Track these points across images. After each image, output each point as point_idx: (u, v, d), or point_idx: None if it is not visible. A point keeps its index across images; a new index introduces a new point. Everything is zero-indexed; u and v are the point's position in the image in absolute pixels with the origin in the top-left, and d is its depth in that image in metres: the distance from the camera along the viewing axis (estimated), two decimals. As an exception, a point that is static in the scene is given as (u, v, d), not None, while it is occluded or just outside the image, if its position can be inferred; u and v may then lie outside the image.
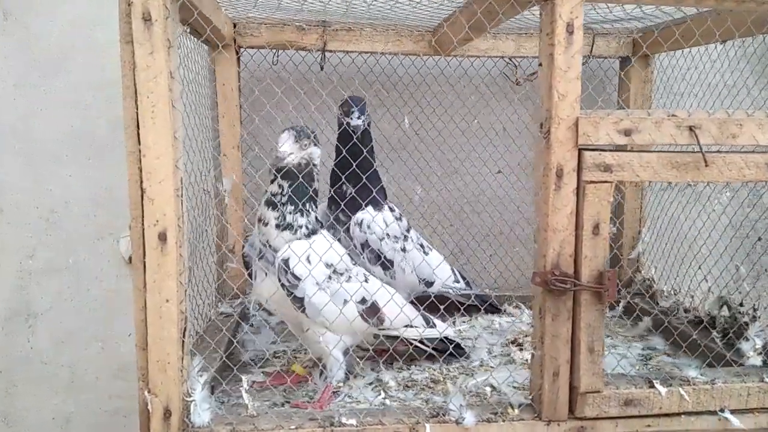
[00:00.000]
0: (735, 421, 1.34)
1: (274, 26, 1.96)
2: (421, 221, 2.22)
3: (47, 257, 2.19)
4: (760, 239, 1.63)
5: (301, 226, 1.45)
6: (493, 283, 2.25)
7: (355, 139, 1.70)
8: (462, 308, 2.00)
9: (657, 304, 2.00)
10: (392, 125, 2.17)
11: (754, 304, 1.67)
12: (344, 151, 1.72)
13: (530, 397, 1.34)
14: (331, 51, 2.02)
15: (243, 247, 1.66)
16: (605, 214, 1.27)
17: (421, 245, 1.85)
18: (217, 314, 1.90)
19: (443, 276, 1.87)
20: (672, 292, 2.02)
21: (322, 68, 2.07)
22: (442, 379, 1.61)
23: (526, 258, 2.21)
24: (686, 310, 1.93)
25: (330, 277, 1.44)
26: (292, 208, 1.44)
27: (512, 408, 1.32)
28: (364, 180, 1.65)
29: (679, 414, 1.34)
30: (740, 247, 1.70)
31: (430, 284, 1.84)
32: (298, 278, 1.40)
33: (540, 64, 1.27)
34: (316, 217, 1.49)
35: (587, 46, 2.10)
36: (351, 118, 1.69)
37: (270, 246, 1.44)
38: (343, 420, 1.25)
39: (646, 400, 1.32)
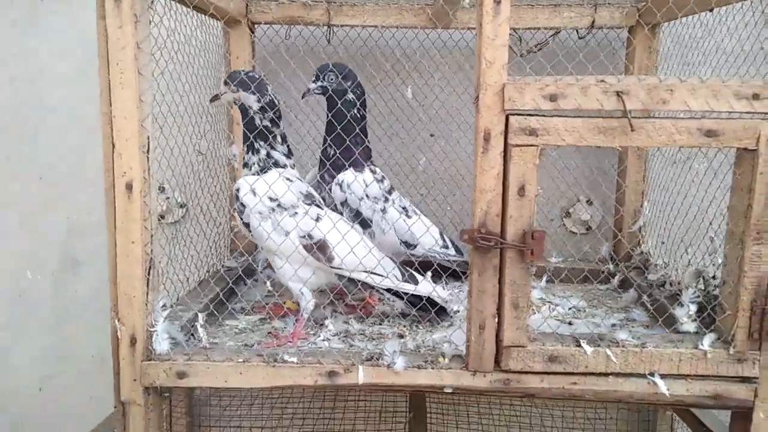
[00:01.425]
0: (663, 385, 1.37)
1: (283, 3, 2.11)
2: (423, 190, 2.32)
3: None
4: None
5: (253, 163, 1.71)
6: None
7: (339, 104, 1.83)
8: (446, 273, 2.07)
9: (647, 277, 2.00)
10: (397, 96, 2.27)
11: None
12: (329, 115, 1.87)
13: (461, 348, 1.43)
14: (336, 25, 2.15)
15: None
16: (531, 177, 1.33)
17: (404, 208, 1.95)
18: (222, 268, 2.10)
19: (428, 240, 1.96)
20: (662, 266, 2.02)
21: (329, 42, 2.20)
22: (407, 334, 1.73)
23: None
24: (671, 284, 1.92)
25: (273, 210, 1.63)
26: (245, 147, 1.71)
27: (443, 357, 1.42)
28: (347, 142, 1.78)
29: (606, 374, 1.39)
30: (714, 218, 1.68)
31: (411, 246, 1.93)
32: (243, 206, 1.63)
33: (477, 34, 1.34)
34: (267, 154, 1.71)
35: (589, 16, 2.11)
36: (309, 82, 1.86)
37: None
38: (286, 357, 1.40)
39: (572, 358, 1.37)
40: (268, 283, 2.00)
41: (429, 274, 1.72)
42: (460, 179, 2.33)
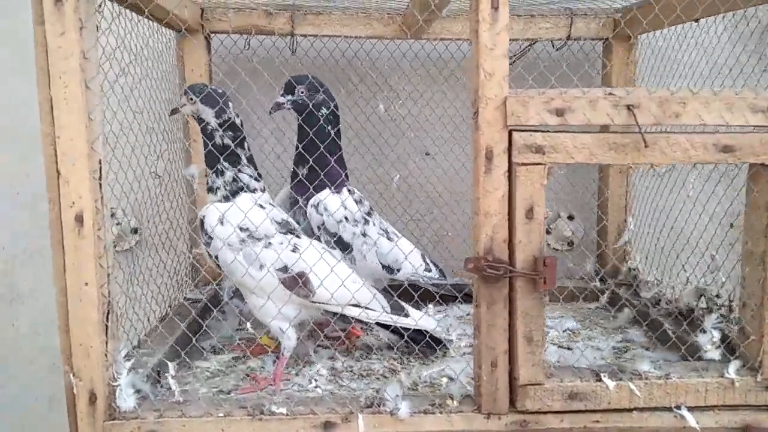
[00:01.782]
0: (691, 419, 1.26)
1: (242, 11, 1.94)
2: (398, 209, 2.18)
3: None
4: (732, 225, 1.53)
5: (218, 187, 1.52)
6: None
7: (318, 120, 1.66)
8: (437, 297, 1.94)
9: (639, 295, 1.92)
10: (368, 111, 2.13)
11: (730, 296, 1.58)
12: (304, 131, 1.68)
13: (471, 388, 1.29)
14: (300, 35, 1.99)
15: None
16: (539, 198, 1.20)
17: (385, 230, 1.80)
18: (185, 300, 1.89)
19: (411, 264, 1.82)
20: (655, 283, 1.94)
21: (293, 52, 2.05)
22: (399, 369, 1.58)
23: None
24: (668, 302, 1.84)
25: (243, 241, 1.45)
26: (209, 170, 1.52)
27: (452, 400, 1.27)
28: (324, 161, 1.61)
29: (630, 410, 1.27)
30: (714, 235, 1.60)
31: (394, 271, 1.79)
32: (211, 238, 1.45)
33: (471, 42, 1.22)
34: (234, 177, 1.51)
35: (565, 27, 2.03)
36: (278, 96, 1.69)
37: None
38: (273, 408, 1.23)
39: (593, 394, 1.25)
40: (238, 312, 1.85)
41: (430, 306, 1.61)
42: (437, 196, 2.21)
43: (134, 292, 1.53)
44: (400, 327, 1.53)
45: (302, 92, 1.68)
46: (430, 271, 1.90)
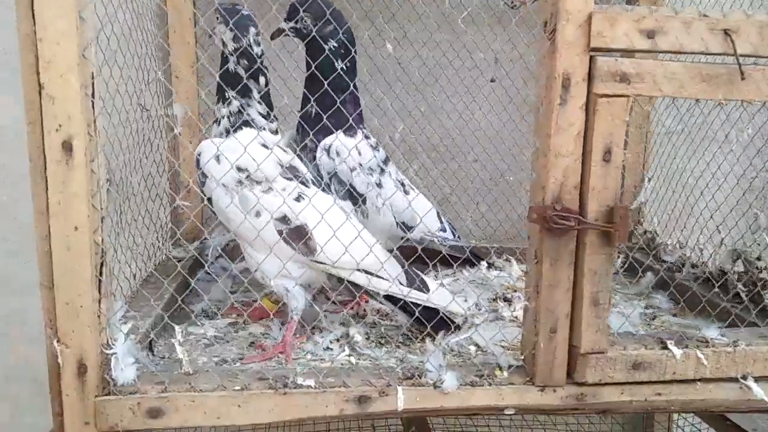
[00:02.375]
0: (759, 391, 1.14)
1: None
2: (401, 164, 1.98)
3: None
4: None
5: (223, 117, 1.33)
6: (481, 233, 2.03)
7: (325, 52, 1.44)
8: (452, 261, 1.75)
9: (660, 259, 1.80)
10: (372, 51, 1.91)
11: (774, 256, 1.47)
12: (309, 65, 1.47)
13: (522, 357, 1.12)
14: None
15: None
16: (619, 136, 1.04)
17: (402, 183, 1.61)
18: (169, 259, 1.66)
19: (428, 222, 1.62)
20: (678, 246, 1.82)
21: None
22: (420, 336, 1.40)
23: (517, 207, 1.98)
24: (693, 266, 1.72)
25: (240, 182, 1.24)
26: (216, 97, 1.33)
27: (501, 370, 1.11)
28: (333, 100, 1.35)
29: (695, 380, 1.14)
30: (761, 193, 1.48)
31: (410, 228, 1.59)
32: (205, 175, 1.26)
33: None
34: (240, 108, 1.31)
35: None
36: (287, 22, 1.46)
37: None
38: (299, 381, 1.03)
39: (658, 364, 1.11)
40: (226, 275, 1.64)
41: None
42: (443, 150, 2.02)
43: (119, 245, 1.29)
44: (412, 302, 1.30)
45: (306, 19, 1.46)
46: (444, 230, 1.73)
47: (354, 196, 1.50)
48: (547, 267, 1.06)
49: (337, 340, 1.35)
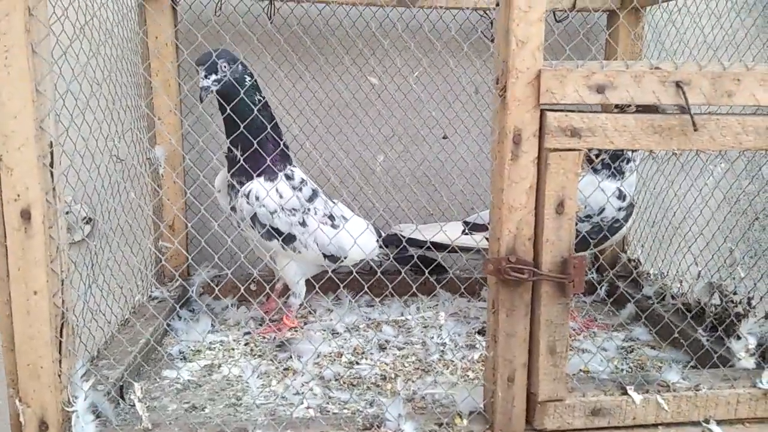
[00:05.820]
0: (720, 433, 1.15)
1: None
2: (385, 194, 2.01)
3: None
4: (758, 218, 1.41)
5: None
6: (464, 264, 2.04)
7: (241, 95, 1.45)
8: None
9: (641, 288, 1.80)
10: (353, 86, 1.94)
11: (749, 293, 1.47)
12: (227, 112, 1.46)
13: (482, 405, 1.14)
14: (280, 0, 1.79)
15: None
16: (572, 189, 1.05)
17: (330, 215, 1.64)
18: (149, 300, 1.69)
19: (360, 251, 1.66)
20: (659, 276, 1.82)
21: (270, 19, 1.84)
22: (393, 376, 1.42)
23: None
24: (674, 297, 1.72)
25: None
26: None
27: (461, 418, 1.12)
28: (255, 142, 1.44)
29: (656, 425, 1.15)
30: (735, 226, 1.48)
31: (337, 259, 1.64)
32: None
33: (497, 4, 1.04)
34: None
35: (570, -3, 1.87)
36: (199, 80, 1.47)
37: None
38: (257, 434, 1.06)
39: (618, 410, 1.12)
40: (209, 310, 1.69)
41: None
42: (427, 182, 2.04)
43: (92, 294, 1.31)
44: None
45: (225, 67, 1.48)
46: (387, 255, 1.75)
47: (281, 235, 1.56)
48: (503, 317, 1.07)
49: (308, 383, 1.37)
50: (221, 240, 1.37)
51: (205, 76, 1.47)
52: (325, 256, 1.63)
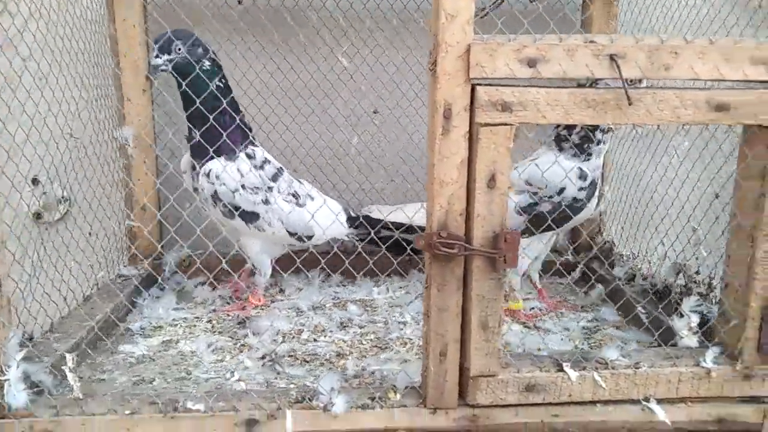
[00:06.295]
0: (661, 412, 1.13)
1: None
2: (358, 176, 2.01)
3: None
4: (717, 196, 1.38)
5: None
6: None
7: (197, 78, 1.48)
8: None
9: (613, 270, 1.78)
10: (325, 67, 1.94)
11: (711, 273, 1.45)
12: (185, 93, 1.49)
13: (416, 380, 1.14)
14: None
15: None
16: (504, 164, 1.04)
17: (295, 194, 1.64)
18: (117, 278, 1.72)
19: (331, 230, 1.68)
20: (630, 257, 1.80)
21: (239, 2, 1.84)
22: (348, 353, 1.43)
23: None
24: (644, 278, 1.71)
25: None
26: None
27: (395, 392, 1.12)
28: (218, 121, 1.45)
29: (593, 402, 1.14)
30: (698, 205, 1.46)
31: (308, 238, 1.65)
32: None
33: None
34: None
35: (543, -24, 1.84)
36: (150, 58, 1.49)
37: None
38: (189, 405, 1.07)
39: (553, 386, 1.11)
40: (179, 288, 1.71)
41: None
42: (400, 164, 2.03)
43: (44, 269, 1.34)
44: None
45: (179, 48, 1.49)
46: (357, 235, 1.75)
47: (244, 214, 1.57)
48: (435, 292, 1.07)
49: (262, 359, 1.38)
50: (195, 220, 1.38)
51: (157, 55, 1.48)
52: (291, 234, 1.64)
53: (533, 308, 1.72)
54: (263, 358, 1.38)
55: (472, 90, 1.03)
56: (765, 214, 1.08)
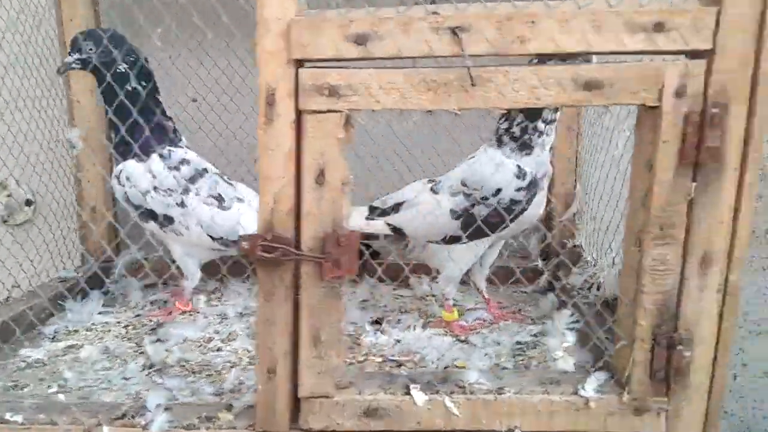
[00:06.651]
0: (527, 448, 0.96)
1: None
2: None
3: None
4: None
5: None
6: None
7: (109, 78, 1.39)
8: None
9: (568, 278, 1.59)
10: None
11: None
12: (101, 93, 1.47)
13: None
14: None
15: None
16: (334, 156, 0.92)
17: (217, 197, 1.55)
18: (54, 279, 1.70)
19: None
20: (591, 264, 1.61)
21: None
22: (238, 362, 1.34)
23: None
24: (598, 287, 1.51)
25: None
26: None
27: (228, 412, 1.01)
28: (126, 124, 1.34)
29: (445, 432, 0.98)
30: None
31: (230, 243, 1.55)
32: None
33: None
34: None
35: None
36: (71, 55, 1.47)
37: None
38: (7, 416, 1.01)
39: (397, 411, 0.97)
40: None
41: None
42: (369, 160, 1.90)
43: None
44: None
45: (90, 49, 1.46)
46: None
47: (157, 217, 1.51)
48: (262, 302, 0.95)
49: (149, 367, 1.31)
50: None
51: (69, 53, 1.47)
52: (213, 238, 1.56)
53: (477, 319, 1.56)
54: (151, 367, 1.31)
55: (297, 73, 0.91)
56: (653, 214, 0.89)
